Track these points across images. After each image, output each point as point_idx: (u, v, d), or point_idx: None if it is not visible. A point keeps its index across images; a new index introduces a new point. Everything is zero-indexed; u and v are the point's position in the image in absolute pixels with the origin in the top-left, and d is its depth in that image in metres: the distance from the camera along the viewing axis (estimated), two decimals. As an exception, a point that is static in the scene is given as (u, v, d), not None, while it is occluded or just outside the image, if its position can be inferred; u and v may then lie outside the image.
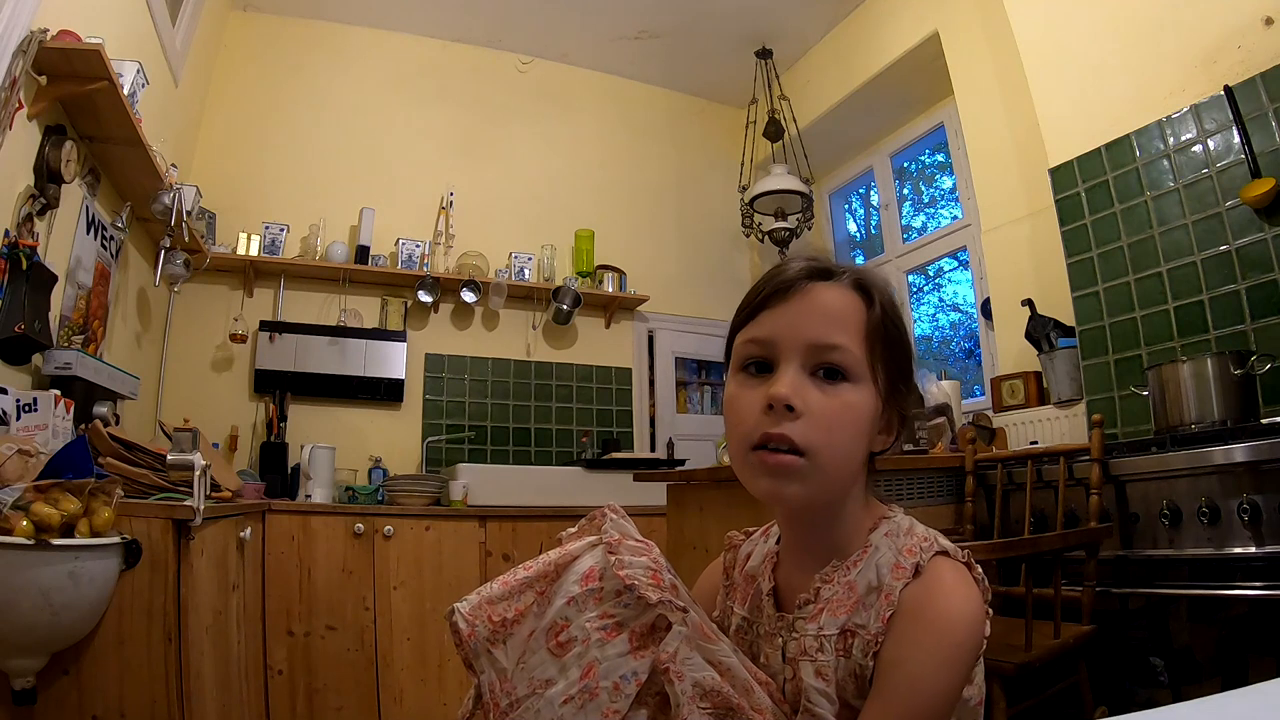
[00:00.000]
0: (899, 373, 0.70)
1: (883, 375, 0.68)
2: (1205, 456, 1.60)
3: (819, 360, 0.66)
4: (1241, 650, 1.53)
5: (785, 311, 0.68)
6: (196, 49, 2.97)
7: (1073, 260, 2.33)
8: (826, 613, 0.67)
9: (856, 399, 0.66)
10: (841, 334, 0.67)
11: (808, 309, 0.68)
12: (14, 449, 1.39)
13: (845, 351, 0.66)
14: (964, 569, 0.66)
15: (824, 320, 0.67)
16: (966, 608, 0.63)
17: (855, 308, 0.69)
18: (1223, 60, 1.99)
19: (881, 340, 0.68)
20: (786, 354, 0.67)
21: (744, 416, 0.67)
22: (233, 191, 3.24)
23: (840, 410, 0.65)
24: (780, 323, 0.68)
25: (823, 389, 0.66)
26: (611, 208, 3.96)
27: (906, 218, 3.89)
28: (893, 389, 0.69)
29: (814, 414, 0.65)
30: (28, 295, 1.77)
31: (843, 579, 0.68)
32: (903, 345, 0.70)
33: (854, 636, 0.65)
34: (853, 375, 0.66)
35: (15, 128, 1.71)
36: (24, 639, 1.30)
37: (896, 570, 0.65)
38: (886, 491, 2.11)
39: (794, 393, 0.65)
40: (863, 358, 0.67)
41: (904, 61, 3.30)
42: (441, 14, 3.63)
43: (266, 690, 2.42)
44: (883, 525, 0.70)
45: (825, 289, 0.69)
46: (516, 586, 0.70)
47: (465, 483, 2.88)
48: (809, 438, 0.64)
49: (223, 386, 3.14)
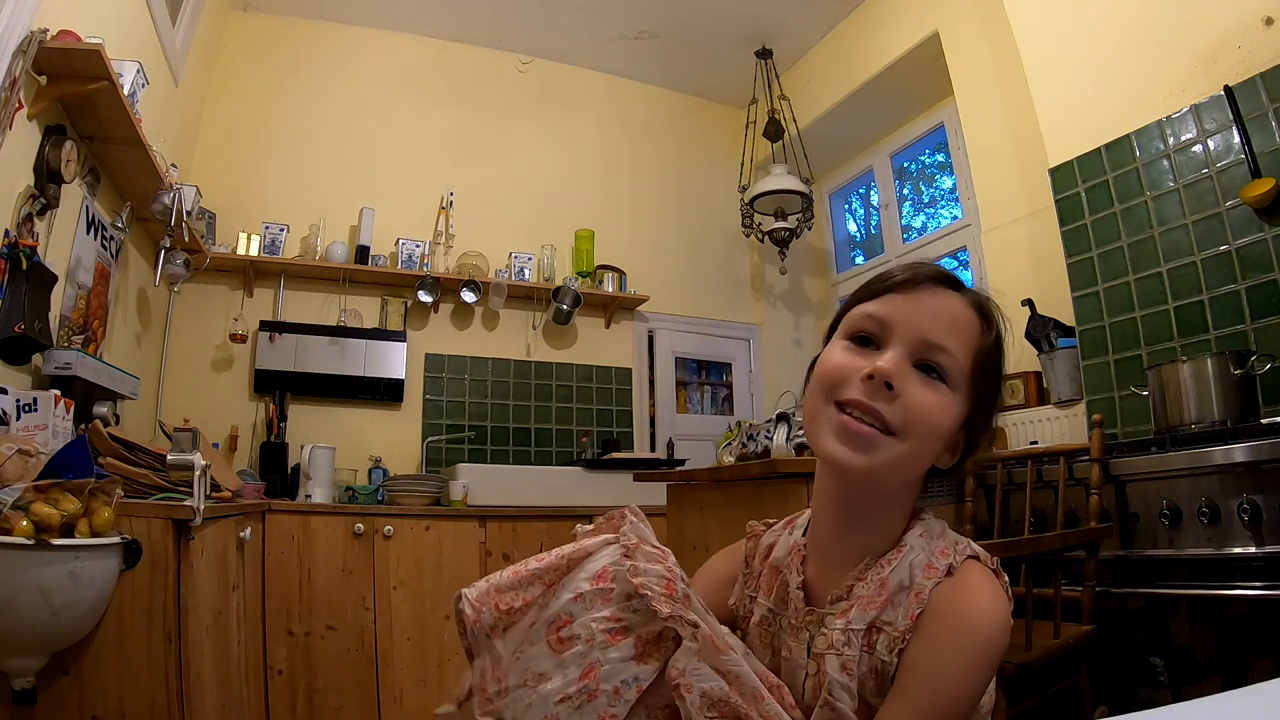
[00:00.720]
0: (987, 402, 0.72)
1: (973, 397, 0.70)
2: (1205, 456, 1.60)
3: (925, 356, 0.68)
4: (1241, 650, 1.53)
5: (909, 300, 0.70)
6: (196, 49, 2.97)
7: (1073, 260, 2.33)
8: (857, 608, 0.67)
9: (950, 402, 0.68)
10: (954, 340, 0.69)
11: (930, 306, 0.70)
12: (14, 449, 1.39)
13: (952, 357, 0.68)
14: (993, 575, 0.67)
15: (943, 322, 0.69)
16: (994, 611, 0.63)
17: (972, 324, 0.71)
18: (1223, 60, 1.99)
19: (985, 365, 0.71)
20: (898, 338, 0.69)
21: (841, 376, 0.69)
22: (233, 191, 3.24)
23: (935, 405, 0.67)
24: (901, 308, 0.70)
25: (924, 381, 0.68)
26: (611, 208, 3.96)
27: (906, 218, 3.89)
28: (976, 414, 0.71)
29: (909, 400, 0.66)
30: (28, 295, 1.77)
31: (876, 576, 0.69)
32: (998, 379, 0.73)
33: (879, 633, 0.66)
34: (951, 382, 0.68)
35: (15, 128, 1.71)
36: (24, 639, 1.30)
37: (929, 570, 0.67)
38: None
39: (899, 373, 0.66)
40: (965, 371, 0.69)
41: (904, 61, 3.30)
42: (441, 14, 3.63)
43: (266, 690, 2.42)
44: (917, 526, 0.72)
45: (951, 296, 0.72)
46: (527, 577, 0.70)
47: (465, 483, 2.88)
48: (898, 419, 0.66)
49: (223, 386, 3.14)
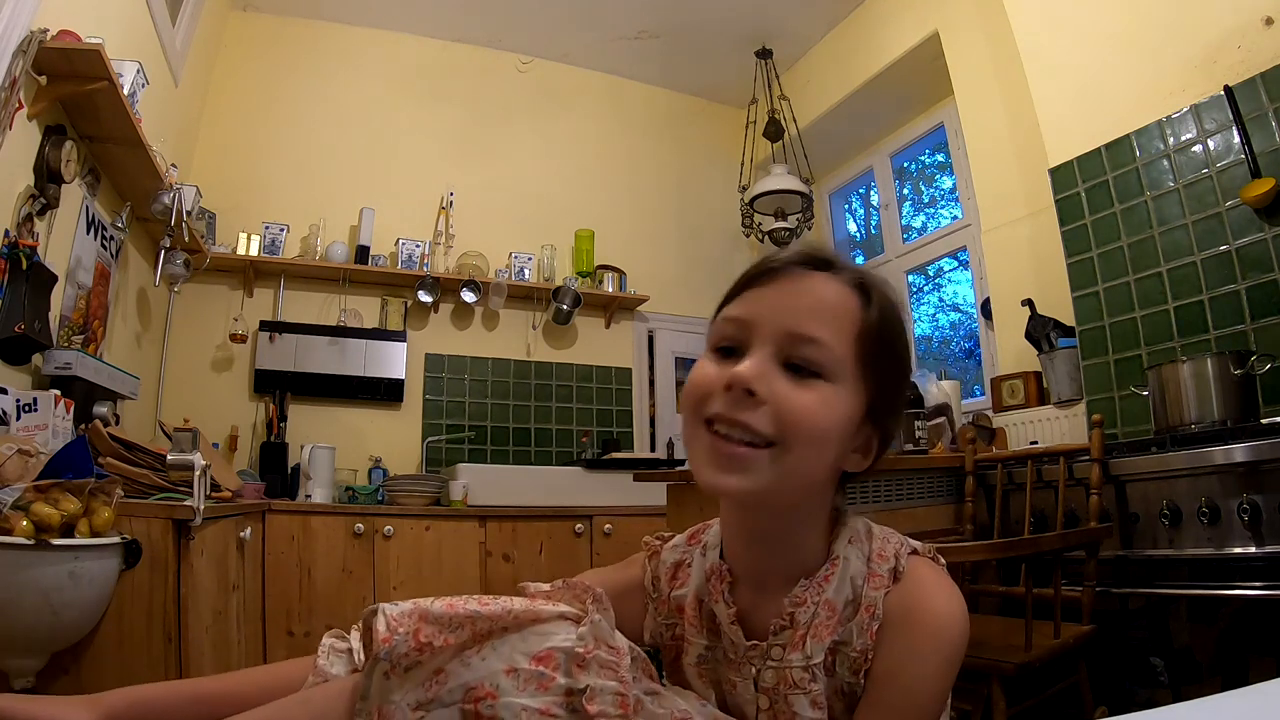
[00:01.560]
0: (887, 389, 0.63)
1: (868, 386, 0.62)
2: (1205, 456, 1.60)
3: (793, 351, 0.60)
4: (1241, 650, 1.53)
5: (768, 294, 0.63)
6: (196, 49, 2.97)
7: (1073, 260, 2.33)
8: (812, 639, 0.62)
9: (832, 398, 0.60)
10: (825, 329, 0.60)
11: (793, 295, 0.62)
12: (14, 449, 1.39)
13: (824, 348, 0.60)
14: (939, 567, 0.65)
15: (809, 309, 0.61)
16: (954, 606, 0.61)
17: (849, 305, 0.62)
18: (1223, 60, 1.99)
19: (873, 347, 0.62)
20: (760, 338, 0.61)
21: (703, 391, 0.61)
22: (233, 191, 3.24)
23: (810, 405, 0.59)
24: (761, 305, 0.62)
25: (795, 380, 0.60)
26: (611, 208, 3.96)
27: (906, 218, 3.89)
28: (878, 405, 0.63)
29: (779, 404, 0.58)
30: (28, 295, 1.77)
31: (816, 598, 0.63)
32: (897, 360, 0.64)
33: (836, 654, 0.62)
34: (830, 375, 0.60)
35: (15, 128, 1.71)
36: (24, 639, 1.30)
37: (873, 579, 0.62)
38: (887, 491, 2.11)
39: (758, 377, 0.58)
40: (846, 360, 0.60)
41: (904, 61, 3.30)
42: (441, 14, 3.63)
43: (266, 690, 2.41)
44: (842, 534, 0.66)
45: (818, 278, 0.63)
46: (460, 617, 0.61)
47: (465, 483, 2.88)
48: (769, 427, 0.58)
49: (223, 386, 3.14)
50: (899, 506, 2.12)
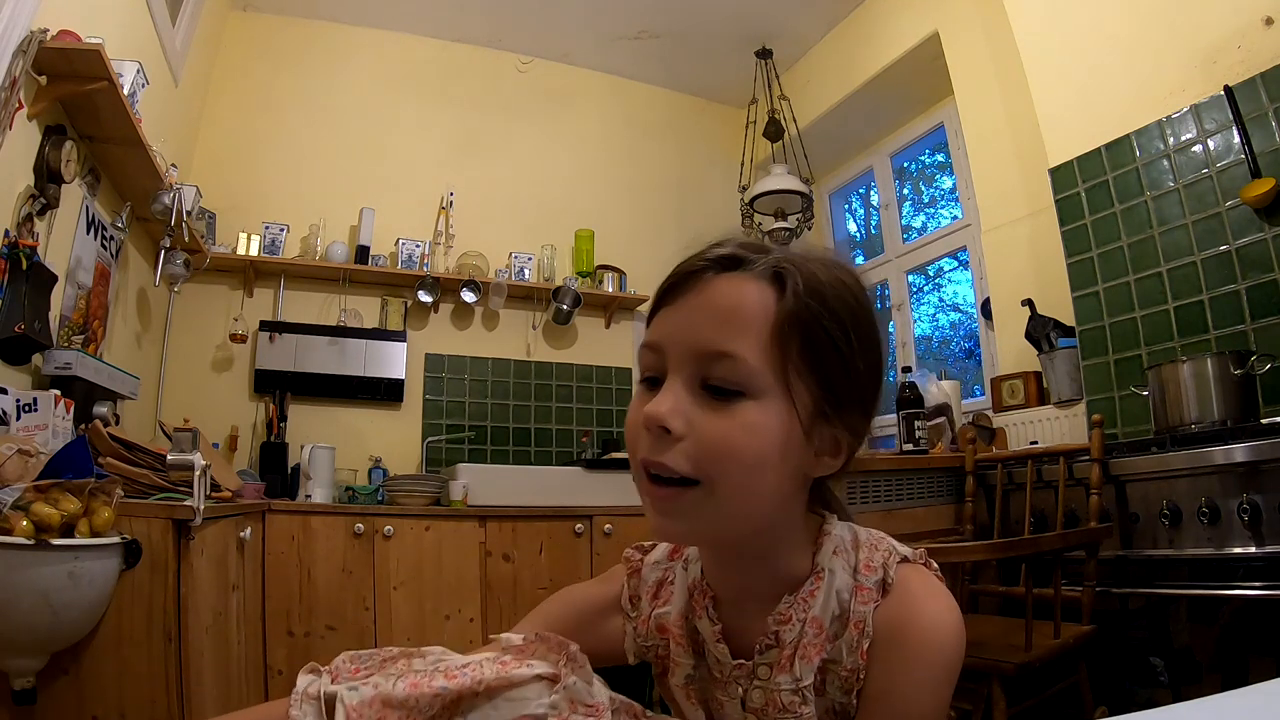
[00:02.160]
0: (836, 380, 0.56)
1: (805, 386, 0.55)
2: (1205, 456, 1.60)
3: (709, 372, 0.54)
4: (1241, 650, 1.53)
5: (678, 311, 0.57)
6: (196, 49, 2.97)
7: (1073, 260, 2.33)
8: (800, 660, 0.58)
9: (760, 419, 0.53)
10: (736, 339, 0.54)
11: (700, 308, 0.56)
12: (14, 449, 1.39)
13: (737, 362, 0.53)
14: (930, 574, 0.60)
15: (717, 320, 0.55)
16: (948, 616, 0.57)
17: (762, 301, 0.55)
18: (1223, 60, 1.99)
19: (798, 342, 0.55)
20: (674, 363, 0.55)
21: (631, 434, 0.57)
22: (233, 191, 3.24)
23: (736, 432, 0.53)
24: (670, 325, 0.57)
25: (715, 406, 0.54)
26: (611, 208, 3.96)
27: (906, 218, 3.89)
28: (829, 401, 0.56)
29: (701, 437, 0.53)
30: (28, 295, 1.77)
31: (802, 615, 0.59)
32: (835, 349, 0.56)
33: (825, 673, 0.59)
34: (753, 390, 0.53)
35: (15, 128, 1.71)
36: (24, 639, 1.30)
37: (860, 593, 0.58)
38: (887, 492, 2.11)
39: (671, 412, 0.53)
40: (765, 368, 0.54)
41: (904, 61, 3.30)
42: (441, 14, 3.63)
43: (266, 690, 2.41)
44: (825, 543, 0.61)
45: (725, 281, 0.56)
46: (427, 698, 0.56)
47: (465, 483, 2.88)
48: (695, 465, 0.53)
49: (223, 386, 3.14)
50: (899, 506, 2.12)
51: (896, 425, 2.38)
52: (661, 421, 0.53)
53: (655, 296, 0.60)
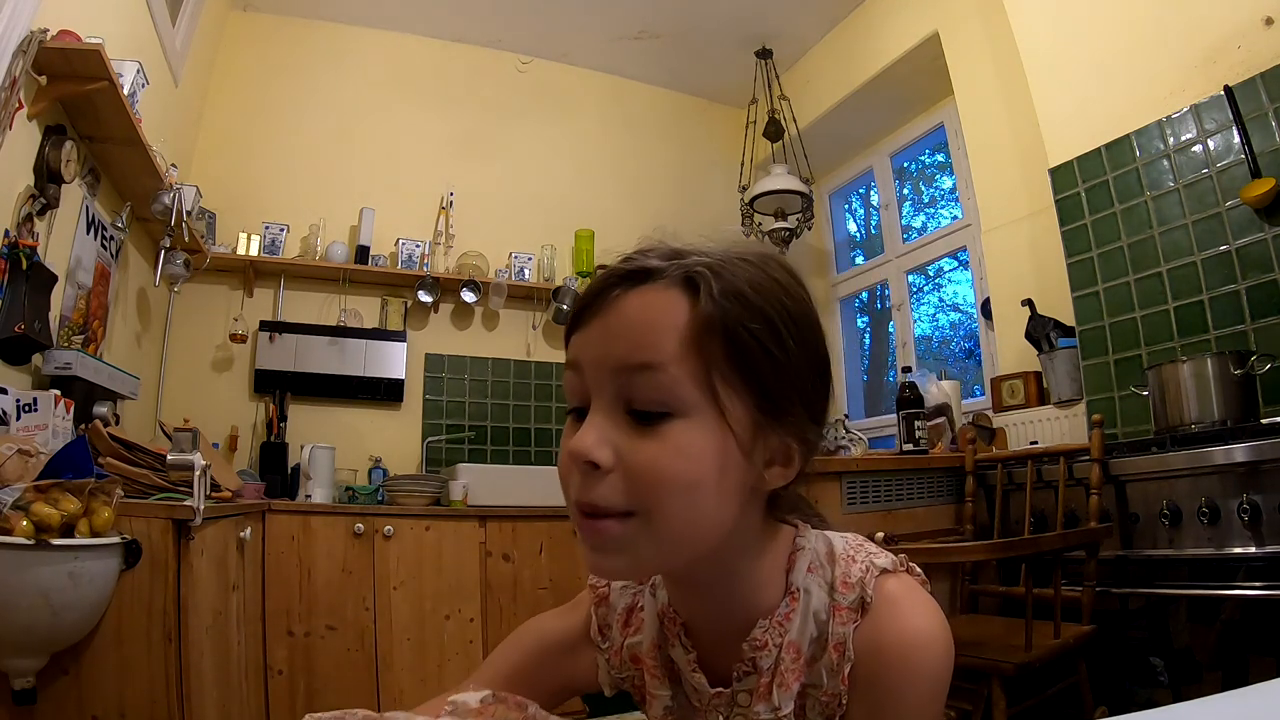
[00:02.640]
0: (771, 384, 0.52)
1: (737, 396, 0.51)
2: (1205, 456, 1.60)
3: (631, 395, 0.50)
4: (1241, 650, 1.53)
5: (590, 333, 0.53)
6: (196, 49, 2.97)
7: (1073, 260, 2.33)
8: (778, 687, 0.55)
9: (691, 439, 0.49)
10: (653, 349, 0.50)
11: (612, 326, 0.51)
12: (14, 449, 1.39)
13: (657, 374, 0.49)
14: (913, 581, 0.57)
15: (631, 336, 0.50)
16: (932, 629, 0.53)
17: (674, 313, 0.50)
18: (1223, 60, 1.99)
19: (722, 348, 0.50)
20: (596, 389, 0.52)
21: (563, 473, 0.53)
22: (233, 191, 3.24)
23: (667, 457, 0.49)
24: (586, 348, 0.53)
25: (641, 431, 0.50)
26: (612, 207, 3.96)
27: (906, 218, 3.89)
28: (768, 407, 0.52)
29: (630, 466, 0.49)
30: (28, 295, 1.77)
31: (778, 640, 0.56)
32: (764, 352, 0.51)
33: (805, 698, 0.56)
34: (679, 408, 0.49)
35: (15, 128, 1.71)
36: (24, 639, 1.30)
37: (839, 614, 0.54)
38: (887, 492, 2.11)
39: (596, 444, 0.50)
40: (687, 380, 0.49)
41: (904, 61, 3.30)
42: (441, 14, 3.63)
43: (266, 690, 2.42)
44: (799, 560, 0.57)
45: (636, 295, 0.51)
46: None
47: (465, 483, 2.88)
48: (627, 496, 0.50)
49: (223, 386, 3.14)
50: (899, 506, 2.12)
51: (896, 425, 2.38)
52: (587, 456, 0.49)
53: (568, 320, 0.56)
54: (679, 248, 0.55)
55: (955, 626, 1.73)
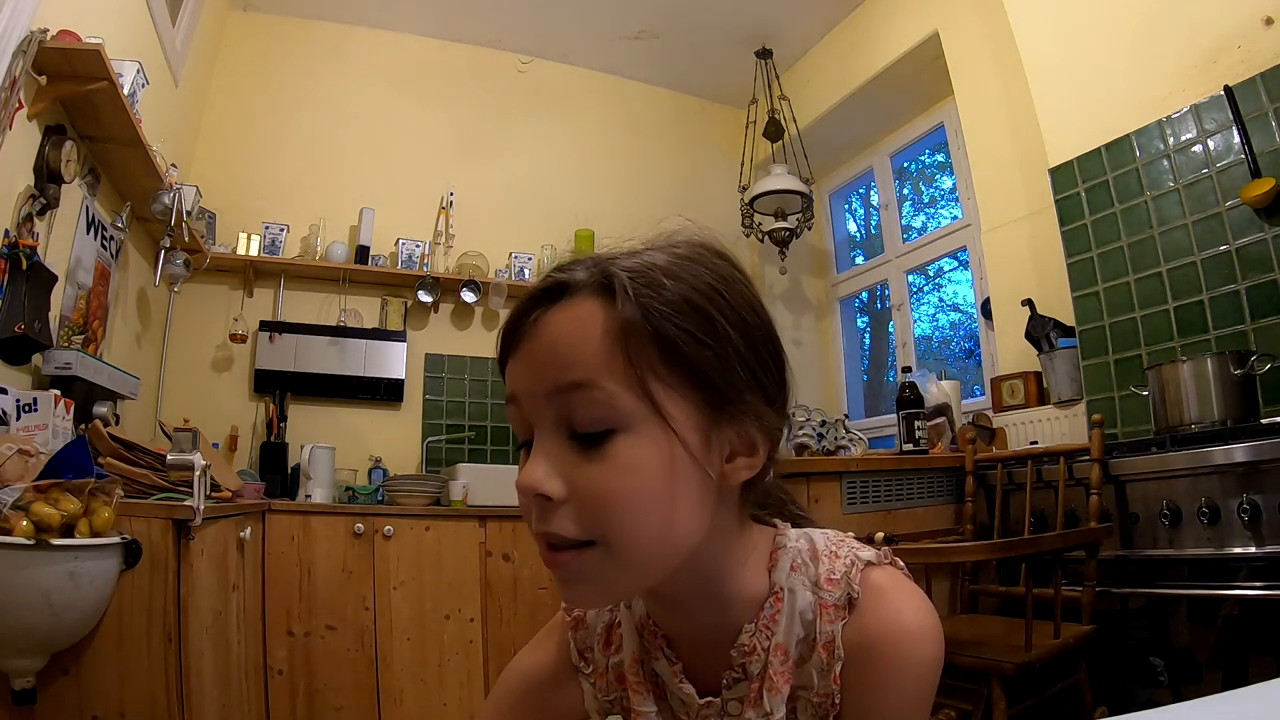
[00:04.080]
0: (711, 381, 0.49)
1: (676, 397, 0.48)
2: (1205, 456, 1.60)
3: (570, 416, 0.48)
4: (1241, 650, 1.53)
5: (519, 360, 0.51)
6: (196, 49, 2.97)
7: (1073, 260, 2.33)
8: (769, 691, 0.54)
9: (635, 454, 0.47)
10: (580, 367, 0.48)
11: (537, 350, 0.50)
12: (14, 449, 1.39)
13: (591, 391, 0.47)
14: (899, 574, 0.55)
15: (555, 358, 0.49)
16: (922, 624, 0.52)
17: (594, 322, 0.49)
18: (1223, 60, 1.99)
19: (652, 349, 0.48)
20: (535, 418, 0.50)
21: (523, 509, 0.51)
22: (233, 191, 3.24)
23: (615, 478, 0.47)
24: (519, 378, 0.51)
25: (586, 454, 0.48)
26: (611, 208, 3.95)
27: (906, 218, 3.89)
28: (713, 406, 0.50)
29: (580, 493, 0.48)
30: (28, 295, 1.77)
31: (765, 643, 0.54)
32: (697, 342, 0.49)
33: (795, 700, 0.55)
34: (620, 422, 0.47)
35: (15, 128, 1.71)
36: (24, 639, 1.30)
37: (824, 612, 0.53)
38: (887, 492, 2.11)
39: (546, 477, 0.49)
40: (621, 390, 0.47)
41: (904, 61, 3.30)
42: (441, 14, 3.63)
43: (266, 690, 2.42)
44: (782, 559, 0.56)
45: (555, 314, 0.50)
46: None
47: (465, 483, 2.88)
48: (582, 526, 0.48)
49: (223, 386, 3.14)
50: (899, 506, 2.12)
51: (896, 425, 2.38)
52: (536, 489, 0.48)
53: (498, 350, 0.54)
54: (604, 254, 0.53)
55: (955, 626, 1.73)
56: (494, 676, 2.72)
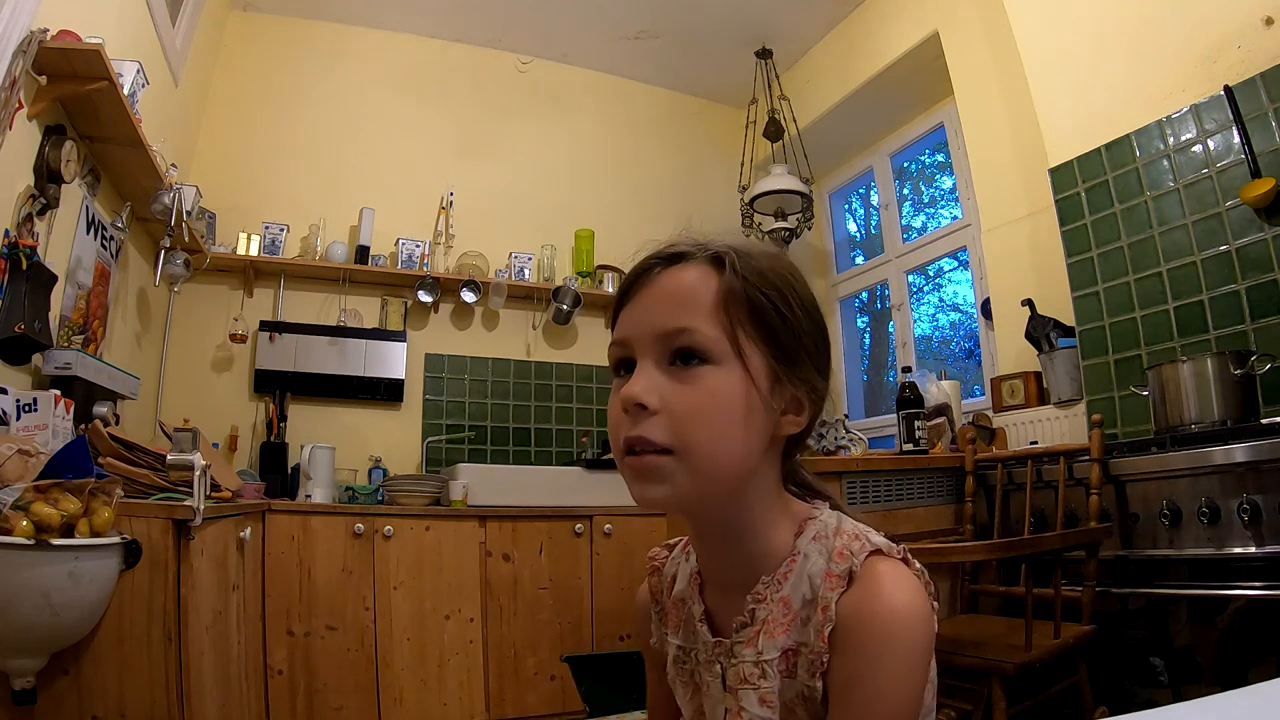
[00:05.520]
0: (785, 341, 0.62)
1: (756, 349, 0.61)
2: (1205, 456, 1.60)
3: (671, 348, 0.61)
4: (1241, 650, 1.53)
5: (636, 306, 0.64)
6: (196, 49, 2.97)
7: (1073, 260, 2.33)
8: (764, 635, 0.62)
9: (720, 383, 0.60)
10: (689, 315, 0.61)
11: (655, 298, 0.63)
12: (14, 449, 1.39)
13: (695, 333, 0.60)
14: (901, 565, 0.60)
15: (670, 305, 0.62)
16: (910, 606, 0.57)
17: (707, 281, 0.62)
18: (1223, 60, 1.99)
19: (744, 310, 0.61)
20: (641, 350, 0.62)
21: (613, 424, 0.63)
22: (233, 191, 3.24)
23: (702, 398, 0.59)
24: (633, 319, 0.64)
25: (681, 379, 0.60)
26: (611, 207, 3.96)
27: (906, 218, 3.89)
28: (782, 360, 0.62)
29: (673, 408, 0.59)
30: (28, 295, 1.77)
31: (776, 595, 0.62)
32: (777, 312, 0.62)
33: (797, 655, 0.60)
34: (712, 357, 0.60)
35: (15, 128, 1.71)
36: (24, 639, 1.30)
37: (830, 579, 0.60)
38: (887, 492, 2.11)
39: (645, 390, 0.60)
40: (718, 335, 0.60)
41: (904, 61, 3.30)
42: (441, 14, 3.63)
43: (266, 690, 2.42)
44: (809, 528, 0.64)
45: (672, 272, 0.64)
46: None
47: (465, 483, 2.88)
48: (671, 433, 0.59)
49: (223, 386, 3.14)
50: (899, 506, 2.12)
51: (896, 425, 2.38)
52: (638, 399, 0.59)
53: (616, 298, 0.67)
54: (703, 239, 0.66)
55: (955, 626, 1.73)
56: (494, 676, 2.72)
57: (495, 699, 2.70)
